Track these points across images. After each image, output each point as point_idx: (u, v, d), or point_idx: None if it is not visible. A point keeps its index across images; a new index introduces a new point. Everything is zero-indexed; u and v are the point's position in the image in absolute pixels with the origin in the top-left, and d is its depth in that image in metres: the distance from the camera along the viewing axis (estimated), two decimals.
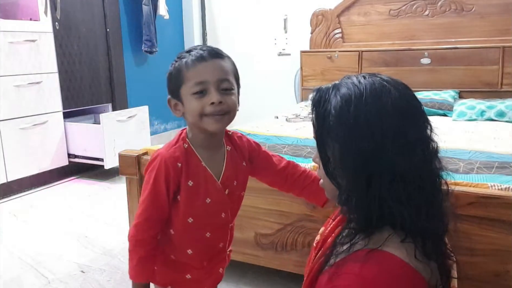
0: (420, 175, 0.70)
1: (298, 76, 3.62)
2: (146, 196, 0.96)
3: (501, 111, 2.55)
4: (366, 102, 0.71)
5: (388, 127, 0.69)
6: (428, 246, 0.70)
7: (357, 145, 0.70)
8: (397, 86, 0.74)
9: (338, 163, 0.74)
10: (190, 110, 0.93)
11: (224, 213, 1.02)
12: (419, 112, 0.74)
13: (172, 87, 0.97)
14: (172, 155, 0.95)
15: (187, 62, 0.93)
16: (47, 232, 2.25)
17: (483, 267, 1.24)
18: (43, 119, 2.90)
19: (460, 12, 3.07)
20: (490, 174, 1.40)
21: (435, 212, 0.73)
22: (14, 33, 2.70)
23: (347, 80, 0.76)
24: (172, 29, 4.13)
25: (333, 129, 0.73)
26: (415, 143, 0.70)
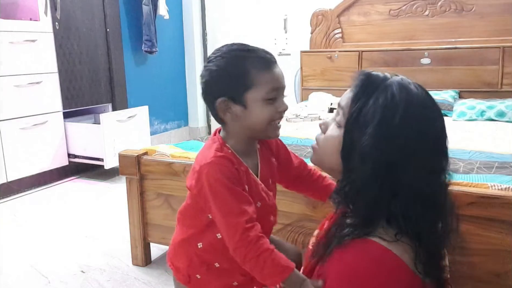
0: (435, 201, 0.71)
1: (298, 76, 3.62)
2: (230, 204, 0.86)
3: (501, 111, 2.55)
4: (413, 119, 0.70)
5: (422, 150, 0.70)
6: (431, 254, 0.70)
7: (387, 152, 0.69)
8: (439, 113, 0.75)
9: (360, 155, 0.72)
10: (258, 116, 0.88)
11: (273, 216, 1.01)
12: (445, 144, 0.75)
13: (231, 88, 0.88)
14: (226, 159, 0.89)
15: (257, 65, 0.87)
16: (47, 232, 2.25)
17: (483, 267, 1.24)
18: (43, 119, 2.90)
19: (460, 12, 3.07)
20: (490, 174, 1.40)
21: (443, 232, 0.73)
22: (14, 33, 2.70)
23: (400, 80, 0.74)
24: (172, 29, 4.13)
25: (374, 124, 0.70)
26: (436, 170, 0.72)
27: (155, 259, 1.91)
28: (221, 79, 0.89)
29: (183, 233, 1.02)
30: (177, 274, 1.05)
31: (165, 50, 3.98)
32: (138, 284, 1.74)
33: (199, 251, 0.99)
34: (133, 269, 1.85)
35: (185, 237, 1.01)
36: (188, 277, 1.02)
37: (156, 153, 1.76)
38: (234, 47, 0.91)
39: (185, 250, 1.02)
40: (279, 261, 0.83)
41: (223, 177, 0.87)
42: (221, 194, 0.87)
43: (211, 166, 0.88)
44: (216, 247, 0.94)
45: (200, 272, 1.01)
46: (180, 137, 4.25)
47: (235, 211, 0.86)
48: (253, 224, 0.85)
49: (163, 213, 1.74)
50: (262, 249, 0.83)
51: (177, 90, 4.28)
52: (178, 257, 1.04)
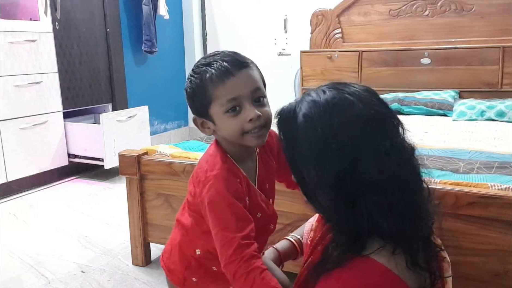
0: (399, 181, 0.68)
1: (298, 76, 3.62)
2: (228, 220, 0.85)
3: (501, 111, 2.55)
4: (331, 120, 0.68)
5: (357, 141, 0.67)
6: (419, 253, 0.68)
7: (331, 164, 0.68)
8: (359, 95, 0.71)
9: (316, 185, 0.72)
10: (227, 130, 0.87)
11: (272, 224, 1.00)
12: (386, 117, 0.71)
13: (197, 106, 0.89)
14: (232, 172, 0.88)
15: (212, 78, 0.84)
16: (47, 232, 2.25)
17: (483, 267, 1.24)
18: (43, 119, 2.90)
19: (460, 12, 3.07)
20: (490, 174, 1.40)
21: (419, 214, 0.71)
22: (14, 33, 2.70)
23: (307, 97, 0.73)
24: (172, 29, 4.13)
25: (304, 153, 0.71)
26: (389, 152, 0.68)
27: (155, 259, 1.91)
28: (190, 99, 0.91)
29: (181, 237, 1.01)
30: (171, 276, 1.04)
31: (165, 50, 3.98)
32: (138, 284, 1.74)
33: (197, 256, 0.98)
34: (133, 269, 1.85)
35: (183, 241, 1.00)
36: (183, 280, 1.02)
37: (156, 153, 1.76)
38: (200, 62, 0.89)
39: (183, 253, 1.01)
40: (268, 282, 0.81)
41: (227, 192, 0.86)
42: (221, 209, 0.86)
43: (216, 178, 0.87)
44: (214, 254, 0.93)
45: (197, 275, 1.00)
46: (180, 137, 4.25)
47: (233, 226, 0.84)
48: (249, 242, 0.84)
49: (163, 213, 1.74)
50: (252, 267, 0.82)
51: (177, 90, 4.28)
52: (174, 259, 1.03)
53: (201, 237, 0.96)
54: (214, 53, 0.90)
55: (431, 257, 0.72)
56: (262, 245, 1.01)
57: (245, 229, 0.85)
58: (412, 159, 0.72)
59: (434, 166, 1.48)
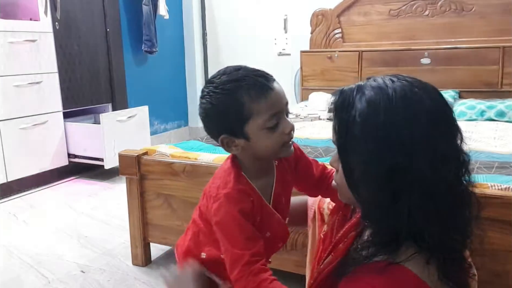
0: (452, 190, 0.65)
1: (298, 76, 3.62)
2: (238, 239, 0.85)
3: (501, 111, 2.55)
4: (397, 111, 0.65)
5: (419, 139, 0.64)
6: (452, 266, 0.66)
7: (385, 158, 0.64)
8: (428, 92, 0.68)
9: (362, 175, 0.68)
10: (265, 145, 0.85)
11: (282, 243, 0.98)
12: (450, 120, 0.68)
13: (228, 124, 0.84)
14: (244, 192, 0.87)
15: (250, 94, 0.82)
16: (47, 232, 2.25)
17: (483, 267, 1.23)
18: (43, 119, 2.90)
19: (460, 12, 3.07)
20: (490, 174, 1.40)
21: (462, 227, 0.69)
22: (14, 33, 2.70)
23: (373, 82, 0.69)
24: (172, 29, 4.13)
25: (358, 139, 0.66)
26: (448, 156, 0.65)
27: (155, 259, 1.91)
28: (218, 117, 0.85)
29: (192, 235, 1.02)
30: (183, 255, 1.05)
31: (165, 50, 3.98)
32: (138, 284, 1.74)
33: (201, 259, 0.98)
34: (133, 269, 1.85)
35: (192, 240, 1.01)
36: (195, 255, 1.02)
37: (156, 153, 1.76)
38: (224, 78, 0.85)
39: (188, 253, 1.02)
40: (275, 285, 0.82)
41: (237, 212, 0.86)
42: (231, 229, 0.86)
43: (227, 197, 0.87)
44: (219, 262, 0.93)
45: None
46: (180, 137, 4.25)
47: (242, 244, 0.85)
48: (258, 258, 0.84)
49: (163, 213, 1.74)
50: (261, 279, 0.82)
51: (177, 90, 4.28)
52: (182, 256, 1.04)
53: (209, 243, 0.95)
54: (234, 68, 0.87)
55: (462, 272, 0.70)
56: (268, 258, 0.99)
57: (255, 247, 0.85)
58: (466, 172, 0.69)
59: None
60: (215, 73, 0.88)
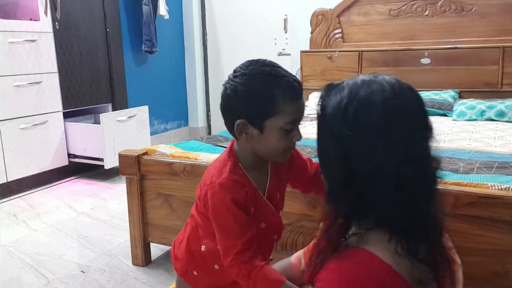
0: (398, 176, 0.70)
1: (298, 76, 3.62)
2: (231, 227, 0.89)
3: (501, 111, 2.55)
4: (358, 96, 0.72)
5: (373, 122, 0.70)
6: (413, 244, 0.70)
7: (341, 135, 0.71)
8: (394, 86, 0.73)
9: (326, 157, 0.77)
10: (273, 144, 0.89)
11: (277, 235, 1.02)
12: (413, 115, 0.73)
13: (253, 111, 0.87)
14: (238, 183, 0.91)
15: (285, 95, 0.86)
16: (47, 232, 2.25)
17: (483, 267, 1.24)
18: (43, 119, 2.90)
19: (460, 12, 3.07)
20: (490, 174, 1.40)
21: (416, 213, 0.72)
22: (14, 33, 2.70)
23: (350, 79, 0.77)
24: (172, 29, 4.13)
25: (327, 121, 0.75)
26: (397, 144, 0.70)
27: (155, 259, 1.91)
28: (245, 101, 0.88)
29: (191, 230, 1.05)
30: (176, 264, 1.08)
31: (165, 50, 3.98)
32: (138, 284, 1.74)
33: (202, 252, 1.01)
34: (133, 269, 1.85)
35: (192, 235, 1.04)
36: (185, 271, 1.05)
37: (156, 153, 1.76)
38: (265, 68, 0.88)
39: (189, 246, 1.05)
40: (269, 276, 0.87)
41: (230, 200, 0.89)
42: (224, 216, 0.89)
43: (221, 186, 0.90)
44: (218, 254, 0.95)
45: (199, 269, 1.03)
46: (180, 137, 4.25)
47: (235, 233, 0.89)
48: (249, 246, 0.89)
49: (163, 213, 1.74)
50: (252, 266, 0.87)
51: (177, 90, 4.28)
52: (181, 250, 1.07)
53: (207, 236, 0.99)
54: (272, 63, 0.91)
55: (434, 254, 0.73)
56: (266, 253, 1.03)
57: (246, 235, 0.89)
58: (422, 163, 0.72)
59: None
60: (252, 60, 0.92)
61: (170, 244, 1.79)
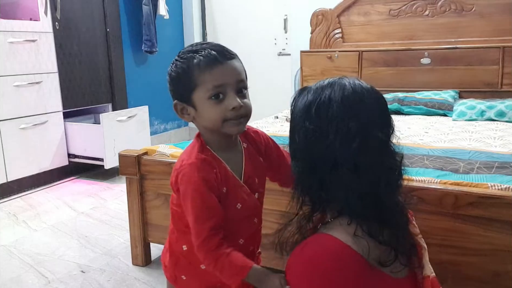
0: (358, 165, 0.76)
1: (298, 76, 3.62)
2: (199, 209, 0.89)
3: (501, 111, 2.55)
4: (321, 92, 0.81)
5: (332, 115, 0.77)
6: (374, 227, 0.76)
7: (306, 134, 0.79)
8: (356, 87, 0.80)
9: (292, 148, 0.85)
10: (208, 116, 0.89)
11: (256, 218, 1.01)
12: (372, 110, 0.80)
13: (180, 90, 0.91)
14: (206, 162, 0.90)
15: (199, 64, 0.87)
16: (47, 232, 2.25)
17: (483, 267, 1.24)
18: (43, 119, 2.90)
19: (460, 12, 3.07)
20: (490, 174, 1.40)
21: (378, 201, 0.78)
22: (14, 33, 2.70)
23: (320, 81, 0.85)
24: (172, 29, 4.13)
25: (294, 117, 0.83)
26: (355, 134, 0.76)
27: (155, 259, 1.91)
28: (172, 82, 0.92)
29: (171, 233, 1.04)
30: (166, 272, 1.06)
31: (165, 50, 3.98)
32: (138, 284, 1.74)
33: (185, 252, 0.99)
34: (133, 269, 1.85)
35: (172, 237, 1.02)
36: (174, 278, 1.03)
37: (156, 153, 1.76)
38: (186, 49, 0.92)
39: (172, 250, 1.03)
40: (236, 262, 0.87)
41: (199, 180, 0.89)
42: (193, 196, 0.89)
43: (191, 167, 0.90)
44: None
45: (185, 273, 1.01)
46: (180, 137, 4.25)
47: (203, 217, 0.89)
48: (216, 231, 0.89)
49: (163, 213, 1.74)
50: (218, 254, 0.88)
51: None
52: (167, 257, 1.06)
53: (185, 231, 0.96)
54: (202, 43, 0.93)
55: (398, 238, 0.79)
56: (251, 241, 1.01)
57: (213, 219, 0.89)
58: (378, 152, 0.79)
59: (434, 166, 1.48)
60: None
61: None
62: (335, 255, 0.74)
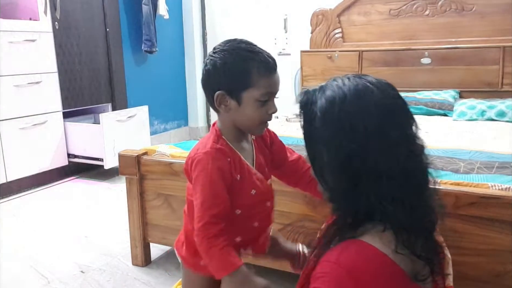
0: (404, 172, 0.72)
1: (298, 76, 3.61)
2: (206, 195, 0.95)
3: (501, 111, 2.55)
4: (350, 103, 0.74)
5: (370, 127, 0.72)
6: (412, 240, 0.72)
7: (341, 145, 0.73)
8: (380, 86, 0.76)
9: (324, 163, 0.77)
10: (251, 115, 0.96)
11: (269, 202, 1.07)
12: (402, 110, 0.76)
13: (232, 85, 0.95)
14: (221, 152, 0.97)
15: (259, 68, 0.94)
16: (47, 232, 2.24)
17: (484, 267, 1.23)
18: (43, 119, 2.90)
19: (460, 11, 3.06)
20: (490, 174, 1.40)
21: (420, 207, 0.74)
22: (14, 33, 2.70)
23: (332, 82, 0.79)
24: (172, 28, 4.13)
25: (319, 130, 0.76)
26: (399, 142, 0.73)
27: (155, 259, 1.90)
28: (224, 74, 0.95)
29: (187, 224, 1.08)
30: (185, 263, 1.10)
31: (165, 50, 3.97)
32: (138, 284, 1.73)
33: None
34: (133, 269, 1.85)
35: (189, 227, 1.07)
36: (194, 265, 1.07)
37: (156, 153, 1.76)
38: (242, 45, 0.97)
39: (189, 240, 1.07)
40: (226, 257, 0.92)
41: (213, 168, 0.95)
42: (203, 182, 0.95)
43: (206, 155, 0.96)
44: None
45: None
46: (180, 137, 4.25)
47: (209, 202, 0.94)
48: (217, 221, 0.94)
49: (163, 213, 1.74)
50: (213, 244, 0.93)
51: (177, 90, 4.27)
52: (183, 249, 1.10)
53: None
54: (248, 41, 1.00)
55: (429, 249, 0.75)
56: (264, 223, 1.08)
57: (217, 208, 0.94)
58: (421, 155, 0.76)
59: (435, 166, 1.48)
60: (230, 39, 1.01)
61: (170, 244, 1.79)
62: (376, 267, 0.70)
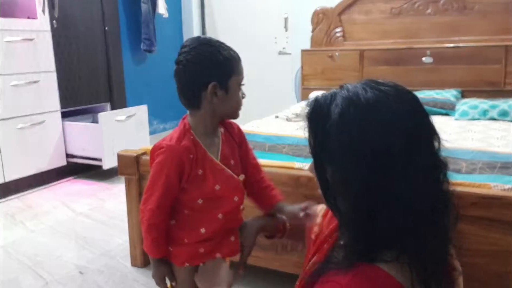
0: (429, 203, 0.64)
1: (299, 75, 3.60)
2: (160, 186, 0.99)
3: (504, 111, 2.53)
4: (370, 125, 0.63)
5: (395, 152, 0.62)
6: (429, 271, 0.64)
7: (360, 173, 0.63)
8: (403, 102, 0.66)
9: (338, 189, 0.68)
10: (236, 101, 1.02)
11: (237, 197, 1.07)
12: (427, 129, 0.66)
13: (221, 74, 0.99)
14: (184, 147, 0.99)
15: (234, 57, 1.01)
16: (45, 232, 2.23)
17: (485, 268, 1.22)
18: (41, 119, 2.88)
19: (462, 10, 3.04)
20: (492, 174, 1.39)
21: (441, 235, 0.67)
22: (12, 32, 2.68)
23: (345, 93, 0.67)
24: (171, 27, 4.12)
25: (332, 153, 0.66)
26: (425, 169, 0.63)
27: None
28: (213, 65, 0.98)
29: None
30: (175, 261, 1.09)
31: (164, 49, 3.96)
32: (136, 286, 1.72)
33: (172, 226, 1.06)
34: (132, 270, 1.83)
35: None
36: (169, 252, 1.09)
37: None
38: (207, 39, 1.03)
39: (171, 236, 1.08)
40: (159, 243, 1.03)
41: (172, 161, 0.98)
42: (158, 172, 1.00)
43: (168, 148, 1.00)
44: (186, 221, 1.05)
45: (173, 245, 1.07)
46: None
47: (158, 192, 1.00)
48: (161, 212, 1.01)
49: None
50: (150, 232, 1.02)
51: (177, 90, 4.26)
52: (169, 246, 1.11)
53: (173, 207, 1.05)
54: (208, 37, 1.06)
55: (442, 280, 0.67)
56: (231, 217, 1.07)
57: (166, 201, 1.01)
58: (445, 179, 0.68)
59: None
60: (190, 38, 1.04)
61: None
62: None
